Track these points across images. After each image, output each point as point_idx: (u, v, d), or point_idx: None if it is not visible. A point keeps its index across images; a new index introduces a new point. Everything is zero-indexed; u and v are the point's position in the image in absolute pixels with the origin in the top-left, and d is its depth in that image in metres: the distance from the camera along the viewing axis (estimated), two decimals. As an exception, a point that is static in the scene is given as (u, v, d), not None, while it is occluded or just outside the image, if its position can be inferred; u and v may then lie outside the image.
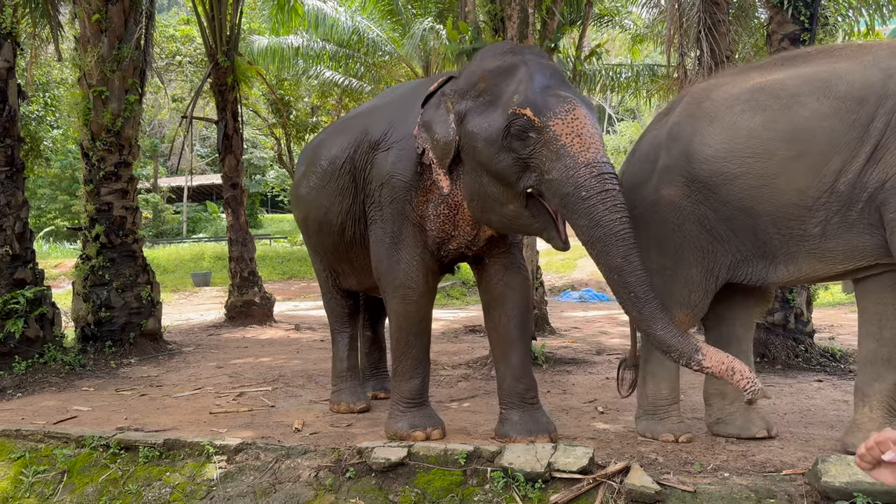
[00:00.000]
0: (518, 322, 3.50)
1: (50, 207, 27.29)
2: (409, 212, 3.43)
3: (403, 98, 3.67)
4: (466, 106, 3.13)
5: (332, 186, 3.83)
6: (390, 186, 3.46)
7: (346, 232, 3.83)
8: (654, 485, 2.67)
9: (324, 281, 4.46)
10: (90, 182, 6.82)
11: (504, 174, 3.00)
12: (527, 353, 3.57)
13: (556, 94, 2.93)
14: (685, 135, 3.17)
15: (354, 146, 3.72)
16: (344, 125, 4.11)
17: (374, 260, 3.61)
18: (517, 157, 2.95)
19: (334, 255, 4.10)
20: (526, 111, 2.89)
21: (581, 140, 2.84)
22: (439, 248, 3.48)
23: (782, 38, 5.88)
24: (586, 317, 10.21)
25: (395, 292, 3.48)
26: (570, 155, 2.83)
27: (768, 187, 2.93)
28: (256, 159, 31.57)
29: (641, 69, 12.69)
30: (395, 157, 3.46)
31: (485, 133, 3.03)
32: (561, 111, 2.87)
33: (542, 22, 6.38)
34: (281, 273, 18.89)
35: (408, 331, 3.50)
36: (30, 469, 3.53)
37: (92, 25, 6.75)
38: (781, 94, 2.97)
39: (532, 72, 3.01)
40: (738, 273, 3.18)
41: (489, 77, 3.11)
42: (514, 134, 2.92)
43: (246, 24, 14.12)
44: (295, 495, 3.07)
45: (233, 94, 9.78)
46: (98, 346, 6.48)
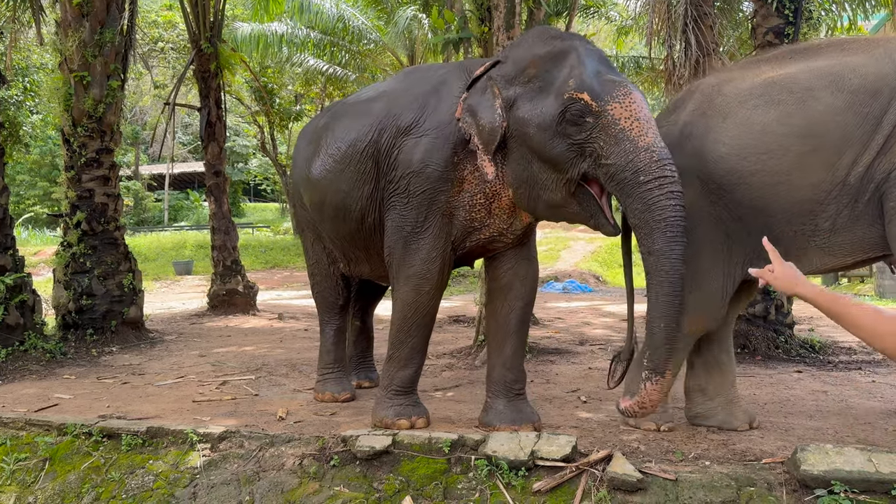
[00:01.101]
0: (519, 313, 3.50)
1: (29, 194, 26.98)
2: (440, 202, 3.33)
3: (435, 83, 3.51)
4: (515, 92, 3.12)
5: (351, 170, 3.63)
6: (423, 176, 3.33)
7: (366, 218, 3.66)
8: (636, 473, 2.70)
9: (321, 269, 4.29)
10: (71, 168, 6.74)
11: (557, 160, 3.00)
12: (522, 344, 3.56)
13: (610, 79, 2.94)
14: (698, 133, 3.13)
15: (378, 130, 3.54)
16: (360, 107, 3.83)
17: (387, 246, 3.51)
18: (572, 142, 2.95)
19: (350, 242, 3.90)
20: (583, 96, 2.89)
21: (640, 124, 2.85)
22: (465, 238, 3.41)
23: (767, 31, 5.92)
24: (569, 307, 10.27)
25: (408, 281, 3.42)
26: (629, 139, 2.84)
27: (783, 184, 2.91)
28: (239, 147, 31.37)
29: (626, 61, 12.73)
30: (429, 146, 3.33)
31: (538, 119, 3.02)
32: (618, 95, 2.89)
33: (529, 12, 6.38)
34: (264, 262, 18.82)
35: (413, 321, 3.45)
36: (11, 456, 3.50)
37: (73, 9, 6.65)
38: (795, 89, 2.94)
39: (583, 57, 3.01)
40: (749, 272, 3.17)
41: (540, 62, 3.09)
42: (569, 119, 2.93)
43: (230, 11, 13.98)
44: (279, 483, 3.07)
45: (216, 82, 9.70)
46: (79, 334, 6.43)
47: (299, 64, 15.09)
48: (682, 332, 3.10)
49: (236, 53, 11.21)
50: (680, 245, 2.85)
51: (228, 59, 10.04)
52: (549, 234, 21.59)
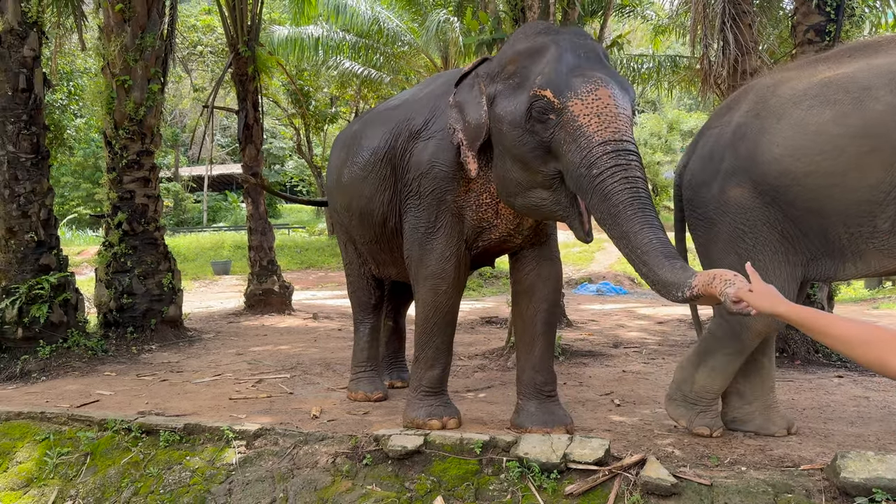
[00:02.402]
0: (545, 315, 3.48)
1: (73, 195, 27.64)
2: (448, 202, 3.37)
3: (445, 87, 3.58)
4: (496, 88, 3.08)
5: (373, 177, 3.77)
6: (431, 176, 3.39)
7: (387, 222, 3.77)
8: (670, 477, 2.67)
9: (354, 270, 4.43)
10: (113, 170, 6.91)
11: (526, 158, 2.94)
12: (550, 345, 3.55)
13: (582, 74, 2.82)
14: (752, 134, 3.07)
15: (395, 135, 3.65)
16: (384, 115, 3.99)
17: (406, 248, 3.58)
18: (540, 140, 2.87)
19: (376, 245, 4.02)
20: (546, 92, 2.81)
21: (599, 120, 2.73)
22: (477, 238, 3.44)
23: (807, 28, 5.80)
24: (603, 310, 10.18)
25: (425, 281, 3.46)
26: (585, 136, 2.73)
27: (838, 185, 2.83)
28: (276, 149, 31.74)
29: (663, 60, 12.55)
30: (436, 147, 3.40)
31: (510, 116, 2.97)
32: (582, 91, 2.77)
33: (563, 12, 6.36)
34: (299, 262, 19.01)
35: (434, 320, 3.48)
36: (54, 451, 3.60)
37: (115, 15, 6.82)
38: (851, 88, 2.86)
39: (562, 52, 2.91)
40: (807, 273, 3.10)
41: (519, 59, 3.04)
42: (535, 116, 2.85)
43: (266, 15, 14.18)
44: (312, 481, 3.10)
45: (253, 85, 9.83)
46: (120, 332, 6.58)
47: (335, 66, 15.22)
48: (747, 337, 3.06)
49: (273, 57, 11.34)
50: (639, 221, 2.62)
51: (266, 63, 10.17)
52: (584, 236, 21.42)
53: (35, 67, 6.09)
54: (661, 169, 23.63)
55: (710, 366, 3.31)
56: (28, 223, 5.93)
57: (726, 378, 3.32)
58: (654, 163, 22.85)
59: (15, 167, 5.94)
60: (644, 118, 26.21)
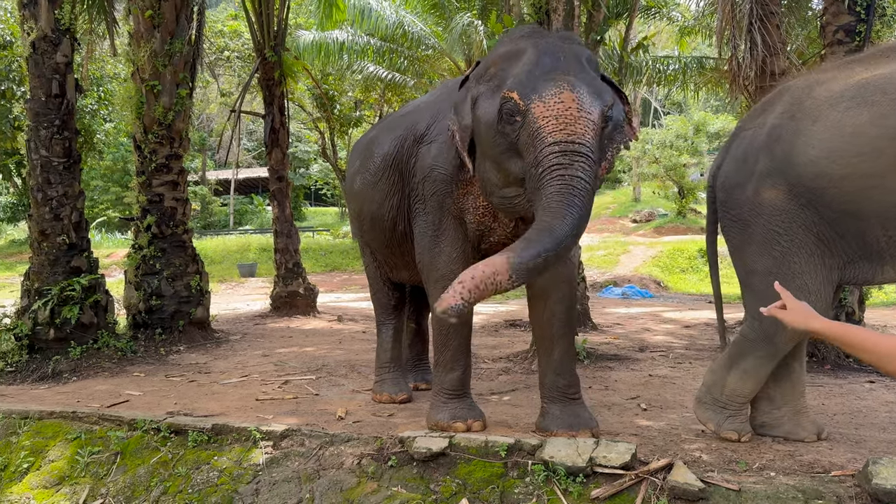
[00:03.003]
0: (562, 317, 3.47)
1: (102, 199, 28.12)
2: (449, 205, 3.46)
3: (446, 92, 3.68)
4: (479, 90, 3.12)
5: (383, 182, 3.88)
6: (431, 179, 3.49)
7: (397, 227, 3.87)
8: (697, 482, 2.65)
9: (372, 273, 4.53)
10: (142, 174, 7.01)
11: (499, 159, 2.98)
12: (570, 347, 3.54)
13: (552, 78, 2.82)
14: (787, 136, 3.04)
15: (401, 141, 3.76)
16: (394, 121, 4.12)
17: (417, 252, 3.66)
18: (509, 141, 2.90)
19: (387, 249, 4.13)
20: (513, 94, 2.83)
21: (556, 122, 2.73)
22: (480, 241, 3.50)
23: (837, 29, 5.72)
24: (629, 313, 10.10)
25: (436, 284, 3.50)
26: (539, 137, 2.74)
27: (877, 187, 2.79)
28: (301, 153, 31.98)
29: (689, 61, 12.45)
30: (436, 151, 3.49)
31: (486, 117, 3.01)
32: (547, 94, 2.77)
33: (588, 14, 6.33)
34: (324, 265, 19.14)
35: (448, 323, 3.51)
36: (85, 450, 3.66)
37: (145, 21, 6.93)
38: (889, 89, 2.81)
39: (538, 55, 2.93)
40: (844, 276, 3.06)
41: (499, 61, 3.08)
42: (504, 118, 2.88)
43: (292, 20, 14.30)
44: (338, 481, 3.12)
45: (280, 89, 9.93)
46: (149, 333, 6.67)
47: (359, 70, 15.31)
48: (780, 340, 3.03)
49: (299, 61, 11.45)
50: (573, 208, 2.65)
51: (291, 67, 10.26)
52: (608, 239, 21.30)
53: (67, 73, 6.21)
54: (687, 171, 23.38)
55: (742, 369, 3.26)
56: (60, 226, 6.04)
57: (758, 382, 3.27)
58: (680, 165, 22.60)
59: (47, 171, 6.06)
60: (670, 120, 25.98)
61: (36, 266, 6.04)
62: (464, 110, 3.18)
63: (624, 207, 29.06)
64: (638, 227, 25.08)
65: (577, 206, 2.68)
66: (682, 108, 33.19)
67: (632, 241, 20.46)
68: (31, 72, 6.12)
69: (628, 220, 26.84)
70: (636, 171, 26.00)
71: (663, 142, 22.99)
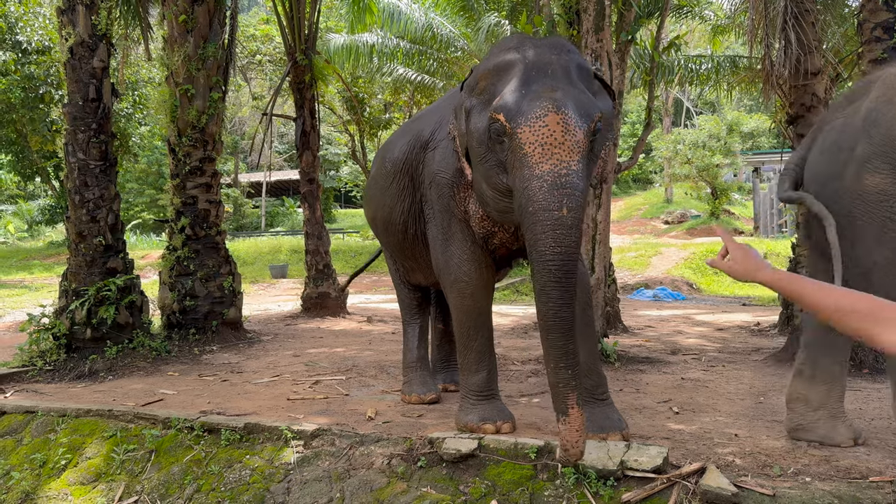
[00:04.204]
0: (580, 318, 3.40)
1: (137, 201, 28.65)
2: (453, 208, 3.50)
3: (451, 97, 3.72)
4: (472, 103, 3.15)
5: (394, 187, 3.97)
6: (437, 184, 3.55)
7: (408, 231, 3.95)
8: (731, 487, 2.61)
9: (394, 274, 4.62)
10: (176, 176, 7.12)
11: (489, 174, 3.01)
12: (593, 347, 3.52)
13: (538, 97, 2.81)
14: (885, 120, 2.99)
15: (411, 147, 3.84)
16: (407, 127, 4.23)
17: (432, 256, 3.72)
18: (497, 159, 2.94)
19: (401, 253, 4.24)
20: (499, 116, 2.85)
21: (542, 150, 2.73)
22: (486, 242, 3.53)
23: (875, 26, 5.61)
24: (661, 316, 9.99)
25: (451, 287, 3.55)
26: (527, 165, 2.75)
27: None
28: (331, 155, 32.23)
29: (722, 61, 12.27)
30: (440, 156, 3.54)
31: (477, 133, 3.05)
32: (532, 117, 2.76)
33: (619, 14, 6.28)
34: (353, 267, 19.20)
35: (468, 325, 3.54)
36: (121, 447, 3.73)
37: (179, 26, 7.04)
38: None
39: (526, 71, 2.93)
40: None
41: (487, 76, 3.10)
42: (492, 138, 2.92)
43: (323, 23, 14.43)
44: (369, 481, 3.14)
45: (310, 92, 10.02)
46: (182, 334, 6.77)
47: (389, 73, 15.38)
48: None
49: (329, 65, 11.53)
50: (560, 289, 2.70)
51: (322, 71, 10.35)
52: (639, 241, 21.09)
53: (104, 78, 6.34)
54: (720, 172, 23.07)
55: None
56: (97, 228, 6.17)
57: None
58: (712, 165, 22.31)
59: (85, 174, 6.19)
60: (703, 120, 25.66)
61: (73, 267, 6.17)
62: (461, 119, 3.22)
63: (656, 209, 28.77)
64: (670, 229, 24.80)
65: (565, 254, 2.71)
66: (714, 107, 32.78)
67: (663, 242, 20.23)
68: (68, 76, 6.26)
69: (660, 222, 26.55)
70: (668, 171, 25.72)
71: (696, 142, 22.71)
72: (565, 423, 2.71)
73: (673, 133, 25.46)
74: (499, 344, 6.51)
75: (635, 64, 10.90)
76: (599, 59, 5.53)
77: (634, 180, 34.95)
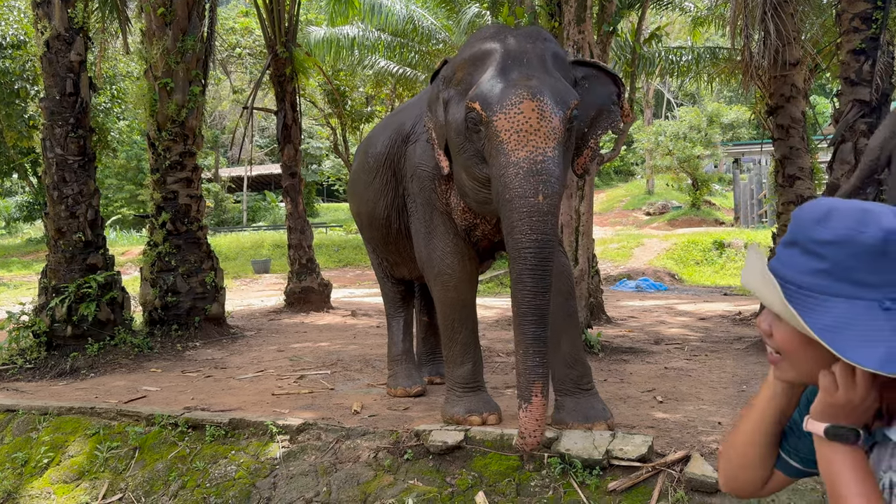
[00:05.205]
0: (563, 308, 3.43)
1: (117, 197, 28.32)
2: (435, 201, 3.51)
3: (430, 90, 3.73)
4: (449, 94, 3.17)
5: (377, 181, 3.97)
6: (418, 177, 3.56)
7: (392, 225, 3.96)
8: (715, 474, 2.63)
9: (377, 268, 4.61)
10: (156, 171, 7.04)
11: (468, 164, 3.04)
12: (577, 338, 3.53)
13: (513, 85, 2.84)
14: None
15: (392, 141, 3.85)
16: (388, 121, 4.25)
17: (415, 250, 3.73)
18: (475, 149, 2.98)
19: (385, 247, 4.25)
20: (476, 105, 2.88)
21: (518, 137, 2.77)
22: (468, 234, 3.54)
23: (853, 17, 5.66)
24: (643, 306, 10.06)
25: (435, 280, 3.56)
26: (503, 153, 2.80)
27: None
28: (313, 149, 32.03)
29: (702, 52, 12.34)
30: (421, 149, 3.56)
31: (455, 123, 3.07)
32: (507, 105, 2.80)
33: (600, 5, 6.28)
34: (337, 261, 19.18)
35: (452, 317, 3.55)
36: (104, 445, 3.70)
37: (157, 19, 6.95)
38: None
39: (501, 60, 2.96)
40: None
41: (465, 66, 3.13)
42: (470, 127, 2.95)
43: (303, 16, 14.32)
44: (355, 475, 3.13)
45: (291, 85, 9.94)
46: (165, 330, 6.71)
47: (370, 66, 15.31)
48: None
49: (310, 58, 11.44)
50: (535, 277, 2.76)
51: (303, 63, 10.27)
52: (622, 232, 21.20)
53: (81, 72, 6.25)
54: (701, 163, 23.21)
55: None
56: (76, 224, 6.09)
57: None
58: (693, 157, 22.42)
59: (63, 169, 6.11)
60: (683, 111, 25.80)
61: (53, 264, 6.09)
62: (437, 110, 3.22)
63: (637, 200, 28.92)
64: (651, 220, 24.95)
65: (541, 241, 2.77)
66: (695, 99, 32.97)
67: (645, 233, 20.35)
68: (45, 71, 6.17)
69: (642, 213, 26.70)
70: (649, 163, 25.84)
71: (676, 133, 22.82)
72: (527, 410, 2.79)
73: (654, 125, 25.58)
74: (484, 336, 6.52)
75: (617, 56, 10.92)
76: (581, 50, 5.54)
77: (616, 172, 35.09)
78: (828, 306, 0.94)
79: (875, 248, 0.90)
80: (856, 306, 0.92)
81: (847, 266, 0.92)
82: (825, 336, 0.92)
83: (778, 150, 7.54)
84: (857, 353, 0.91)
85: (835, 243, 0.93)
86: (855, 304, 0.92)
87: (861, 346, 0.91)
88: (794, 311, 0.95)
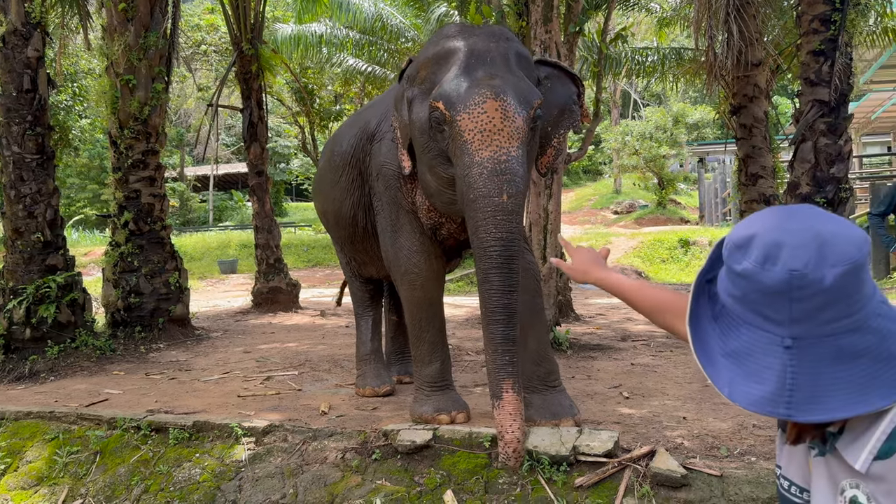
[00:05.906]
0: (529, 305, 3.42)
1: (79, 196, 27.75)
2: (401, 199, 3.50)
3: (396, 89, 3.72)
4: (413, 93, 3.16)
5: (343, 180, 3.95)
6: (383, 176, 3.54)
7: (358, 223, 3.94)
8: (680, 468, 2.66)
9: (346, 268, 4.59)
10: (118, 170, 6.90)
11: (432, 163, 3.05)
12: (544, 335, 3.54)
13: (477, 85, 2.83)
14: None
15: (358, 139, 3.82)
16: (354, 119, 4.22)
17: (382, 249, 3.70)
18: (439, 148, 2.98)
19: (352, 246, 4.22)
20: (439, 104, 2.88)
21: (481, 137, 2.77)
22: (434, 233, 3.54)
23: (812, 18, 5.78)
24: (611, 303, 10.14)
25: (402, 279, 3.54)
26: (467, 152, 2.80)
27: None
28: (281, 148, 31.75)
29: (668, 53, 12.51)
30: (386, 148, 3.53)
31: (419, 122, 3.07)
32: (471, 104, 2.80)
33: (567, 5, 6.32)
34: (306, 261, 19.02)
35: (419, 316, 3.54)
36: (63, 449, 3.61)
37: (119, 14, 6.81)
38: None
39: (465, 59, 2.95)
40: None
41: (428, 65, 3.12)
42: (434, 127, 2.95)
43: (270, 13, 14.16)
44: (322, 476, 3.10)
45: (257, 83, 9.83)
46: (128, 332, 6.59)
47: (339, 64, 15.22)
48: None
49: (277, 55, 11.33)
50: (498, 274, 2.79)
51: (269, 61, 10.16)
52: (590, 230, 21.39)
53: (39, 68, 6.10)
54: (666, 162, 23.53)
55: None
56: (34, 224, 5.94)
57: None
58: (659, 156, 22.72)
59: (20, 168, 5.96)
60: (649, 112, 26.12)
61: (10, 265, 5.94)
62: (402, 110, 3.22)
63: (605, 199, 29.21)
64: (619, 219, 25.21)
65: (506, 240, 2.79)
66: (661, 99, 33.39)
67: (613, 232, 20.56)
68: (1, 66, 6.00)
69: (609, 212, 26.98)
70: (617, 162, 26.12)
71: (643, 133, 23.10)
72: (500, 407, 2.81)
73: (621, 125, 25.86)
74: (453, 335, 6.52)
75: (583, 56, 11.01)
76: (548, 50, 5.56)
77: (584, 171, 35.41)
78: (740, 332, 0.96)
79: (776, 289, 0.90)
80: (761, 338, 0.94)
81: (753, 300, 0.94)
82: (725, 360, 0.98)
83: (741, 150, 7.67)
84: (737, 390, 0.95)
85: (743, 277, 0.94)
86: (760, 335, 0.94)
87: (746, 380, 0.94)
88: (690, 336, 1.03)
